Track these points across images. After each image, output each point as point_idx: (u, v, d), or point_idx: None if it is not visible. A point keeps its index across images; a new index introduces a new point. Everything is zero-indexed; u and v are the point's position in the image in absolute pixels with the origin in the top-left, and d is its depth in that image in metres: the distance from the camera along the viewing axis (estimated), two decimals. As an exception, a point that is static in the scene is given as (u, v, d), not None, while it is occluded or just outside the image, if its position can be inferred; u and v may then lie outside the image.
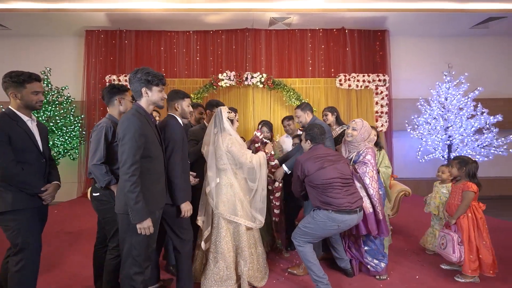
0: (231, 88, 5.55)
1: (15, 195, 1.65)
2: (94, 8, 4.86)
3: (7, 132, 1.62)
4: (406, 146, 5.77)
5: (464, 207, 2.26)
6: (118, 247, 1.82)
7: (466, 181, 2.31)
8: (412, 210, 4.15)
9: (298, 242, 2.11)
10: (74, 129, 5.14)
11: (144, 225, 1.52)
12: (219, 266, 2.10)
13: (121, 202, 1.58)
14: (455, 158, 2.45)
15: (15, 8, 4.76)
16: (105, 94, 1.98)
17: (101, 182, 1.80)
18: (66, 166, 5.10)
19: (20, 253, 1.65)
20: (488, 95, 5.30)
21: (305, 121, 2.62)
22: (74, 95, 5.37)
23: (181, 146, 1.82)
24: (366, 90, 5.62)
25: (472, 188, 2.25)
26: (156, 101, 1.68)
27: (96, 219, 2.01)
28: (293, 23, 5.47)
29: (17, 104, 1.71)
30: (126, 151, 1.49)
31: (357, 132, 2.30)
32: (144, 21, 5.28)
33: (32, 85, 1.72)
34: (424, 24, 5.46)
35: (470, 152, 4.82)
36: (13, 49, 5.69)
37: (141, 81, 1.61)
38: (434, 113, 5.03)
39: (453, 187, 2.45)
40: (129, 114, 1.58)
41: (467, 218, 2.27)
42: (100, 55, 5.64)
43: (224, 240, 2.13)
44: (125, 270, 1.62)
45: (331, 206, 1.98)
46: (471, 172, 2.30)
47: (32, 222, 1.71)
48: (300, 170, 2.10)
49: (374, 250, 2.36)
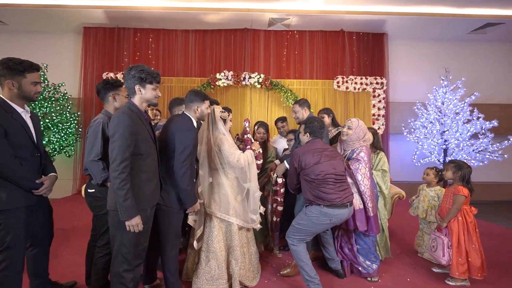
0: (229, 88, 5.55)
1: (10, 193, 1.60)
2: (93, 4, 4.86)
3: (2, 125, 1.55)
4: (402, 150, 5.79)
5: (454, 210, 2.30)
6: (108, 245, 1.82)
7: (458, 185, 2.35)
8: (406, 213, 4.13)
9: (292, 241, 2.12)
10: (70, 126, 5.11)
11: (132, 222, 1.52)
12: (210, 265, 2.10)
13: (112, 199, 1.58)
14: (451, 162, 2.46)
15: (13, 3, 4.73)
16: (99, 90, 1.96)
17: (97, 179, 1.79)
18: (61, 163, 5.07)
19: (5, 252, 1.58)
20: (484, 100, 5.33)
21: (302, 117, 2.62)
22: (70, 92, 5.34)
23: (193, 151, 1.82)
24: (363, 93, 5.64)
25: (463, 192, 2.28)
26: (150, 99, 1.66)
27: (91, 217, 2.00)
28: (292, 24, 5.48)
29: (11, 93, 1.62)
30: (115, 149, 1.48)
31: (352, 131, 2.33)
32: (143, 19, 5.28)
33: (33, 75, 1.67)
34: (422, 28, 5.49)
35: (465, 156, 4.85)
36: (10, 45, 5.64)
37: (134, 78, 1.60)
38: (430, 117, 5.05)
39: (446, 191, 2.49)
40: (120, 112, 1.58)
41: (457, 221, 2.31)
42: (97, 52, 5.62)
43: (216, 239, 2.13)
44: (115, 268, 1.62)
45: (323, 201, 2.02)
46: (466, 176, 2.33)
47: (24, 222, 1.66)
48: (297, 162, 2.10)
49: (365, 250, 2.36)
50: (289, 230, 2.18)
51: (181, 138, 1.76)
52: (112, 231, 1.64)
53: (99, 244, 1.90)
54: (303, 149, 2.14)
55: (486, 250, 2.32)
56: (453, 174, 2.38)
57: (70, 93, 5.30)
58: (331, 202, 2.01)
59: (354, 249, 2.39)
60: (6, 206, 1.59)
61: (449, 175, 2.43)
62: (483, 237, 2.35)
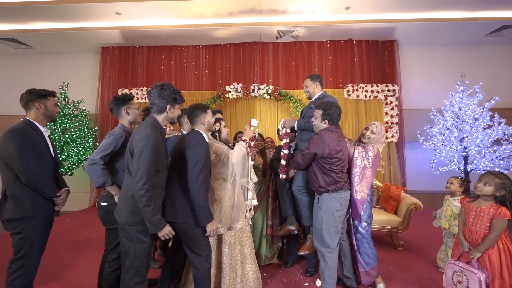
0: (238, 99, 5.63)
1: (32, 201, 1.72)
2: (110, 26, 5.16)
3: (32, 139, 1.74)
4: (418, 158, 5.58)
5: (494, 238, 1.80)
6: (118, 259, 1.83)
7: (498, 205, 1.83)
8: (425, 224, 3.95)
9: (328, 247, 2.06)
10: (88, 140, 5.33)
11: (165, 231, 1.60)
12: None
13: (125, 212, 1.60)
14: (493, 174, 1.87)
15: (37, 29, 5.13)
16: (112, 108, 2.01)
17: (95, 183, 1.78)
18: (79, 176, 5.27)
19: (21, 260, 1.69)
20: (505, 104, 5.09)
21: (313, 92, 2.49)
22: (89, 108, 5.61)
23: (206, 165, 1.79)
24: (375, 101, 5.54)
25: (506, 215, 1.78)
26: (174, 118, 1.77)
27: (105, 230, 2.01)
28: (300, 35, 5.54)
29: (38, 114, 1.85)
30: (142, 168, 1.51)
31: (374, 135, 2.27)
32: (156, 37, 5.52)
33: (53, 99, 1.93)
34: (434, 33, 5.38)
35: (488, 164, 4.59)
36: (35, 66, 6.08)
37: (169, 97, 1.65)
38: (447, 124, 4.86)
39: (476, 209, 1.91)
40: (148, 130, 1.58)
41: (498, 250, 1.80)
42: (114, 69, 5.91)
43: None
44: (127, 281, 1.62)
45: (330, 187, 2.04)
46: (510, 198, 1.80)
47: (43, 229, 1.79)
48: (321, 149, 2.01)
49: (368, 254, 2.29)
50: (315, 242, 2.14)
51: (192, 153, 1.75)
52: (125, 245, 1.64)
53: (109, 258, 1.90)
54: (330, 136, 2.03)
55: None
56: (495, 190, 1.82)
57: (88, 109, 5.57)
58: (337, 186, 2.05)
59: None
60: (29, 213, 1.70)
61: (488, 191, 1.84)
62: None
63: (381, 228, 3.23)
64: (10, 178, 1.71)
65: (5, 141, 1.68)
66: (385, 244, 3.32)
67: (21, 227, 1.70)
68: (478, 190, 1.88)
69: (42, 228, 1.77)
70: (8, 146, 1.67)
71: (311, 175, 2.15)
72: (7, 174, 1.71)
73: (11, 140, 1.68)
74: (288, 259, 2.78)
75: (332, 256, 2.06)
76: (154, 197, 1.59)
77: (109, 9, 4.59)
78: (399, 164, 5.52)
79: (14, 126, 1.74)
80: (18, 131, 1.71)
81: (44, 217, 1.79)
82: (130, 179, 1.59)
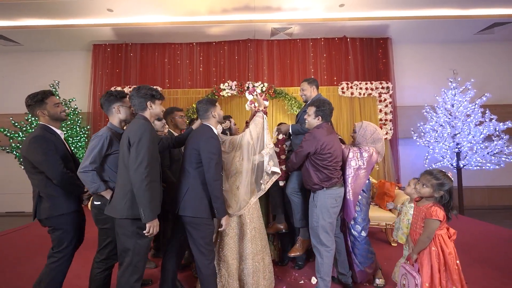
0: (233, 97, 5.60)
1: (66, 199, 1.83)
2: (102, 23, 5.06)
3: (53, 142, 1.82)
4: (412, 154, 5.64)
5: (425, 239, 1.66)
6: (106, 260, 1.85)
7: (432, 204, 1.69)
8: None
9: (324, 245, 2.07)
10: (80, 139, 5.25)
11: (154, 223, 1.60)
12: (221, 274, 2.05)
13: (125, 207, 1.58)
14: (430, 174, 1.72)
15: (26, 25, 5.00)
16: (103, 103, 1.92)
17: (90, 188, 1.77)
18: (71, 176, 5.19)
19: (65, 250, 1.84)
20: (496, 101, 5.17)
21: (309, 95, 2.57)
22: (80, 107, 5.52)
23: (219, 158, 1.83)
24: (369, 98, 5.57)
25: (437, 215, 1.63)
26: (158, 113, 1.82)
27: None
28: (294, 32, 5.53)
29: (47, 119, 1.89)
30: (142, 153, 1.56)
31: (356, 134, 2.33)
32: (149, 34, 5.45)
33: (50, 99, 1.90)
34: (427, 31, 5.43)
35: (480, 159, 4.67)
36: (25, 64, 5.93)
37: (146, 95, 1.73)
38: (440, 120, 4.92)
39: (416, 208, 1.81)
40: (143, 121, 1.68)
41: (429, 254, 1.66)
42: (106, 67, 5.82)
43: (227, 247, 2.07)
44: (125, 278, 1.62)
45: (325, 183, 2.06)
46: (446, 199, 1.67)
47: (79, 223, 1.94)
48: (313, 146, 2.04)
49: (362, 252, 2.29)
50: (312, 240, 2.14)
51: (206, 146, 1.78)
52: (123, 242, 1.63)
53: (98, 259, 1.86)
54: (322, 133, 2.07)
55: (506, 259, 2.06)
56: (432, 191, 1.69)
57: (80, 107, 5.47)
58: (331, 183, 2.06)
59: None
60: (64, 210, 1.82)
61: (425, 192, 1.71)
62: (507, 244, 1.94)
63: (376, 224, 3.26)
64: (41, 181, 1.80)
65: (31, 148, 1.77)
66: (380, 240, 3.36)
67: (60, 223, 1.82)
68: (417, 192, 1.77)
69: (78, 222, 1.91)
70: (35, 152, 1.77)
71: (304, 174, 2.17)
72: (38, 177, 1.81)
73: (36, 147, 1.77)
74: (284, 257, 2.78)
75: (329, 254, 2.07)
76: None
77: (100, 5, 4.51)
78: (393, 161, 5.57)
79: (34, 133, 1.84)
80: (39, 137, 1.79)
81: (77, 212, 1.90)
82: (127, 174, 1.59)
